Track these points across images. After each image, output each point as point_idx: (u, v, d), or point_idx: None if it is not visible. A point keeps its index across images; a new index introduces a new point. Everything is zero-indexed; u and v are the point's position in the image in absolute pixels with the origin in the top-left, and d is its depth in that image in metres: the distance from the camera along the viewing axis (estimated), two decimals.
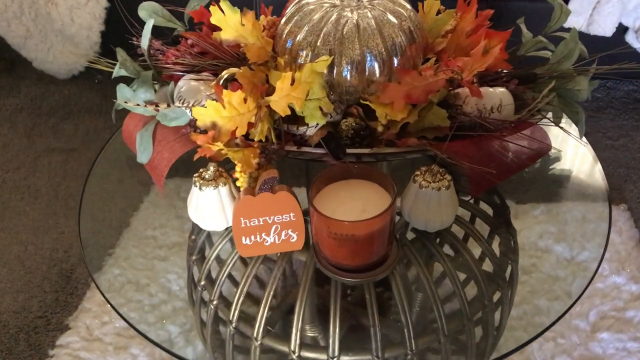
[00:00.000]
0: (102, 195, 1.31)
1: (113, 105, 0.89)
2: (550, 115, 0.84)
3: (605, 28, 1.51)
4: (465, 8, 0.89)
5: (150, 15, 0.95)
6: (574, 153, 1.23)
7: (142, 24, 0.92)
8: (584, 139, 0.91)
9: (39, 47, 1.76)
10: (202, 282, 0.87)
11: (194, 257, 0.90)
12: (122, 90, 0.83)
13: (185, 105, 0.83)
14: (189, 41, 0.91)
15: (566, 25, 0.91)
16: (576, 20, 1.58)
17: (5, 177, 1.52)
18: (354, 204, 0.71)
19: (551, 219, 1.33)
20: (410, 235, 0.83)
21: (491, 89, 0.81)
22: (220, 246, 0.83)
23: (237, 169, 0.72)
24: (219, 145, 0.71)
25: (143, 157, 0.84)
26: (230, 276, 0.88)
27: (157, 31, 0.96)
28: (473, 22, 0.86)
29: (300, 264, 0.83)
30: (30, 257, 1.34)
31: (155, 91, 0.93)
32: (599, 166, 1.14)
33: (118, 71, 0.89)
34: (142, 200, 1.33)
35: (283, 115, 0.74)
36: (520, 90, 0.82)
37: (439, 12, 0.89)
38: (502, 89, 0.82)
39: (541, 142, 0.81)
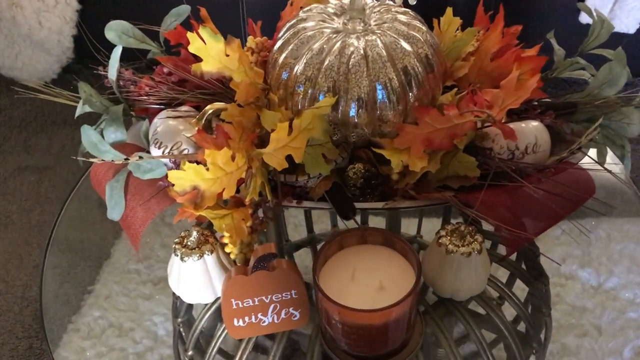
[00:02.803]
0: (80, 220, 1.18)
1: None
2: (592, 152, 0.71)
3: (627, 24, 1.38)
4: (487, 24, 0.76)
5: (120, 36, 0.82)
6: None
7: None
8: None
9: (6, 52, 1.61)
10: (190, 353, 0.75)
11: (179, 320, 0.78)
12: (88, 134, 0.70)
13: (162, 150, 0.71)
14: (165, 69, 0.78)
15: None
16: None
17: None
18: (370, 279, 0.59)
19: (573, 239, 1.21)
20: (430, 296, 0.72)
21: (523, 124, 0.68)
22: (206, 316, 0.70)
23: (226, 240, 0.60)
24: (203, 211, 0.58)
25: (114, 213, 0.71)
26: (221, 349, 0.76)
27: (129, 53, 0.83)
28: (499, 41, 0.73)
29: (303, 336, 0.71)
30: (1, 295, 1.21)
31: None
32: (624, 176, 1.01)
33: (82, 109, 0.75)
34: None
35: (279, 170, 0.62)
36: (558, 124, 0.70)
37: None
38: (535, 123, 0.69)
39: (586, 186, 0.69)
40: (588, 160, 0.72)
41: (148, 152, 0.73)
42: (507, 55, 0.71)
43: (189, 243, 0.63)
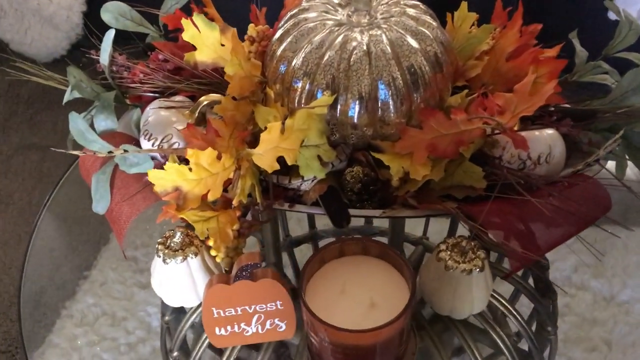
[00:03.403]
0: (80, 203, 1.16)
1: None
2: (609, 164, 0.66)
3: None
4: (505, 21, 0.70)
5: (117, 18, 0.78)
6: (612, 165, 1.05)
7: None
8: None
9: (15, 27, 1.58)
10: (175, 354, 0.72)
11: (167, 318, 0.75)
12: (75, 121, 0.66)
13: (151, 142, 0.67)
14: (161, 55, 0.74)
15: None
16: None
17: None
18: (361, 293, 0.55)
19: (587, 247, 1.16)
20: (428, 309, 0.67)
21: (537, 132, 0.63)
22: (192, 318, 0.67)
23: (211, 243, 0.56)
24: (184, 214, 0.55)
25: (99, 207, 0.67)
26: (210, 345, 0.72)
27: (126, 36, 0.79)
28: (516, 41, 0.68)
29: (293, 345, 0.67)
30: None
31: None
32: None
33: (71, 95, 0.72)
34: None
35: (270, 172, 0.58)
36: (575, 133, 0.64)
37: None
38: (550, 131, 0.64)
39: (601, 201, 0.64)
40: (606, 172, 0.68)
41: (139, 143, 0.70)
42: (524, 56, 0.66)
43: (172, 244, 0.60)
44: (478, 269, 0.57)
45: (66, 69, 0.71)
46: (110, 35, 0.71)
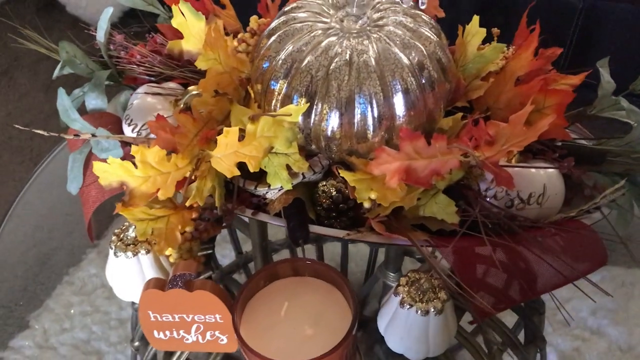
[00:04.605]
0: None
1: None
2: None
3: None
4: (527, 39, 0.64)
5: None
6: None
7: None
8: None
9: None
10: (136, 343, 0.71)
11: (136, 344, 0.72)
12: (62, 97, 0.65)
13: (131, 127, 0.65)
14: (159, 39, 0.72)
15: None
16: None
17: (11, 134, 1.40)
18: (302, 317, 0.51)
19: (612, 289, 1.07)
20: None
21: (533, 169, 0.57)
22: None
23: (155, 246, 0.53)
24: (130, 212, 0.52)
25: (72, 186, 0.66)
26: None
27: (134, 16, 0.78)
28: (529, 64, 0.61)
29: None
30: (14, 231, 1.22)
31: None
32: None
33: (60, 71, 0.71)
34: None
35: (229, 177, 0.54)
36: (578, 174, 0.58)
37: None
38: (550, 169, 0.58)
39: (595, 254, 0.57)
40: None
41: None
42: (533, 82, 0.60)
43: (125, 238, 0.58)
44: (436, 312, 0.52)
45: (58, 44, 0.69)
46: (108, 12, 0.70)
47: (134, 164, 0.51)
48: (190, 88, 0.65)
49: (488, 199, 0.57)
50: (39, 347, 0.99)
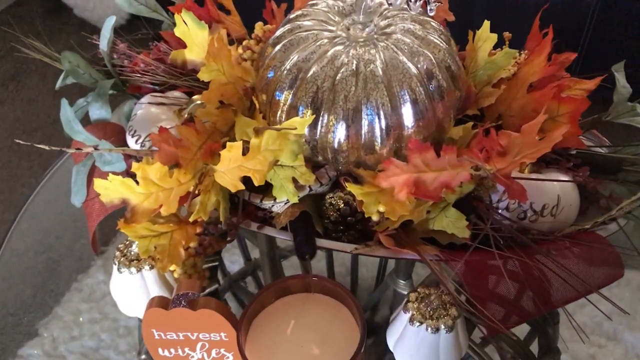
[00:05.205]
0: None
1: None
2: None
3: None
4: (540, 43, 0.62)
5: (130, 2, 0.75)
6: None
7: None
8: None
9: None
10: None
11: (143, 357, 0.72)
12: (65, 108, 0.64)
13: (135, 139, 0.64)
14: (163, 47, 0.71)
15: None
16: None
17: (19, 139, 1.39)
18: (308, 336, 0.50)
19: (628, 293, 1.05)
20: None
21: (547, 180, 0.56)
22: None
23: (158, 264, 0.52)
24: (132, 229, 0.51)
25: (76, 199, 0.65)
26: None
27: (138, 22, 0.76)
28: (542, 70, 0.59)
29: None
30: (22, 237, 1.22)
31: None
32: None
33: (63, 81, 0.70)
34: None
35: (233, 192, 0.53)
36: (593, 185, 0.56)
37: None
38: (563, 179, 0.56)
39: (610, 268, 0.55)
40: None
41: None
42: (547, 90, 0.58)
43: (128, 253, 0.57)
44: (446, 329, 0.51)
45: (60, 54, 0.68)
46: (110, 21, 0.69)
47: (136, 180, 0.50)
48: (194, 97, 0.64)
49: (500, 211, 0.55)
50: (48, 355, 0.99)
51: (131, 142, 0.64)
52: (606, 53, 1.42)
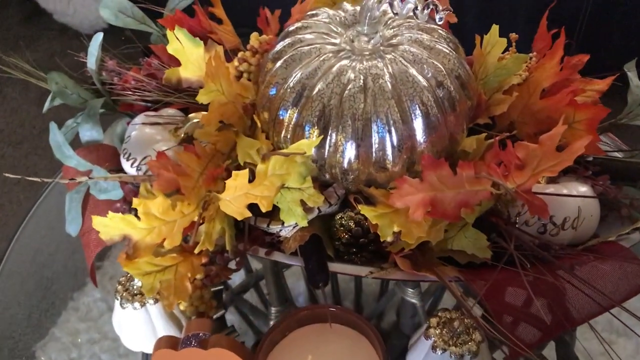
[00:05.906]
0: None
1: None
2: None
3: None
4: (547, 45, 0.60)
5: (116, 15, 0.72)
6: None
7: None
8: None
9: None
10: None
11: None
12: (54, 132, 0.61)
13: (130, 162, 0.61)
14: (154, 62, 0.67)
15: None
16: None
17: (4, 152, 1.35)
18: None
19: None
20: None
21: (566, 190, 0.53)
22: None
23: (164, 300, 0.49)
24: (135, 266, 0.48)
25: (71, 228, 0.62)
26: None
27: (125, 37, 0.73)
28: (554, 74, 0.57)
29: None
30: (15, 255, 1.18)
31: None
32: None
33: (51, 103, 0.66)
34: None
35: (240, 219, 0.50)
36: (613, 193, 0.54)
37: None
38: (583, 189, 0.54)
39: (634, 281, 0.53)
40: None
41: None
42: (561, 94, 0.55)
43: (131, 287, 0.54)
44: (471, 355, 0.48)
45: (46, 75, 0.65)
46: (98, 38, 0.65)
47: (137, 216, 0.47)
48: (191, 116, 0.61)
49: (518, 226, 0.53)
50: None
51: (126, 165, 0.61)
52: (606, 36, 1.39)
